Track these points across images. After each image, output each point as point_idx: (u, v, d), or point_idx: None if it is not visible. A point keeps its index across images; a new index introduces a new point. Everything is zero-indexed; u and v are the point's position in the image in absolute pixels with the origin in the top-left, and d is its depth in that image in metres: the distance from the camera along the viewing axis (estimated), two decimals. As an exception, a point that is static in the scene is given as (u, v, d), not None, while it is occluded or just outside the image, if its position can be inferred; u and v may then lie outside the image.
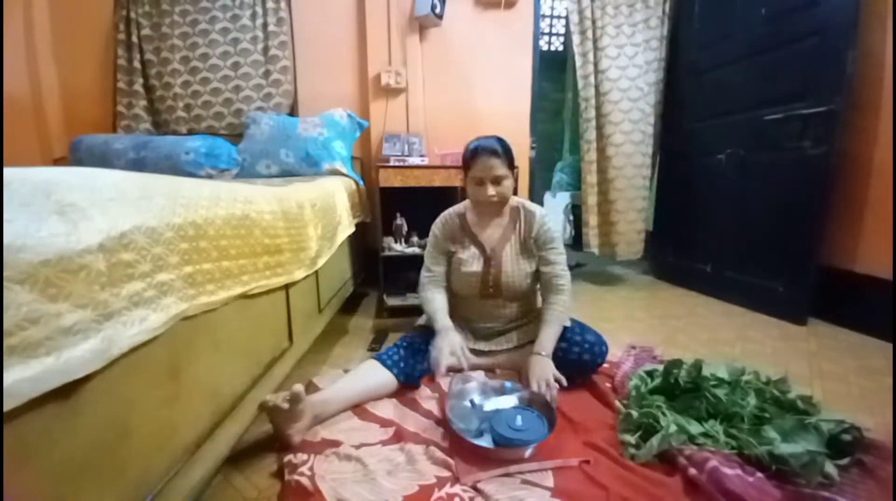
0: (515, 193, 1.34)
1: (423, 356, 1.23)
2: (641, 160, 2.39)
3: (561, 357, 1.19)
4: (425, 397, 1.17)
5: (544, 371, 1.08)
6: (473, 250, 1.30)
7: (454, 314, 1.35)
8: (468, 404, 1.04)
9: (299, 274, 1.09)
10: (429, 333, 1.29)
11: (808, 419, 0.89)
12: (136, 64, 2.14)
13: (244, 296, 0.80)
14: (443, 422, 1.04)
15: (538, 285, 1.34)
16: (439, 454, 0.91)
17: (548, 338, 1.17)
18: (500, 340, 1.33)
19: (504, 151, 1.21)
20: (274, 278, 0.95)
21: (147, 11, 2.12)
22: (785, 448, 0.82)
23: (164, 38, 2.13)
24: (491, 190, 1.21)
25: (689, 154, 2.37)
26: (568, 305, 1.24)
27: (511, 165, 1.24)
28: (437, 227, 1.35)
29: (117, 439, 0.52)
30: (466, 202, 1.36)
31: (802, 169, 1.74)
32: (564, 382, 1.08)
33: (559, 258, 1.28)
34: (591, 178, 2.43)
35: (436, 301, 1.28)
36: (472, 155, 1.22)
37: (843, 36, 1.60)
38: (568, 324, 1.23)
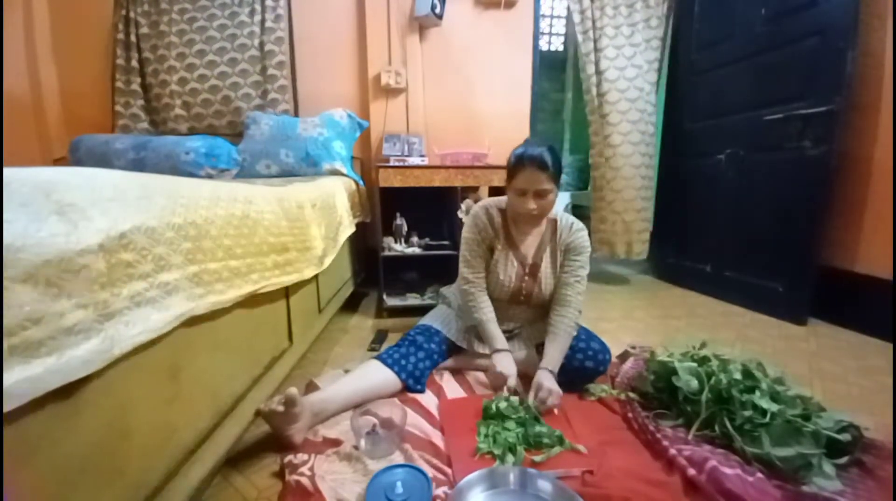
0: None
1: (424, 352, 1.23)
2: (640, 160, 2.39)
3: (564, 363, 1.18)
4: (426, 397, 1.16)
5: (549, 389, 1.07)
6: (511, 256, 1.26)
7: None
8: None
9: (309, 272, 1.09)
10: (430, 332, 1.30)
11: (802, 423, 0.88)
12: (135, 63, 2.14)
13: (253, 295, 0.81)
14: (442, 425, 1.04)
15: None
16: (437, 457, 0.91)
17: (556, 352, 1.16)
18: (512, 344, 1.32)
19: (552, 164, 1.12)
20: (284, 276, 0.95)
21: (146, 10, 2.12)
22: (776, 452, 0.82)
23: (162, 35, 2.13)
24: (532, 204, 1.14)
25: (689, 154, 2.37)
26: (577, 318, 1.23)
27: (558, 178, 1.15)
28: (478, 219, 1.26)
29: (117, 439, 0.52)
30: (506, 200, 1.27)
31: (802, 169, 1.74)
32: (558, 401, 1.07)
33: (581, 271, 1.25)
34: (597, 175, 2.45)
35: (487, 313, 1.24)
36: (518, 163, 1.14)
37: (843, 36, 1.60)
38: (574, 333, 1.22)
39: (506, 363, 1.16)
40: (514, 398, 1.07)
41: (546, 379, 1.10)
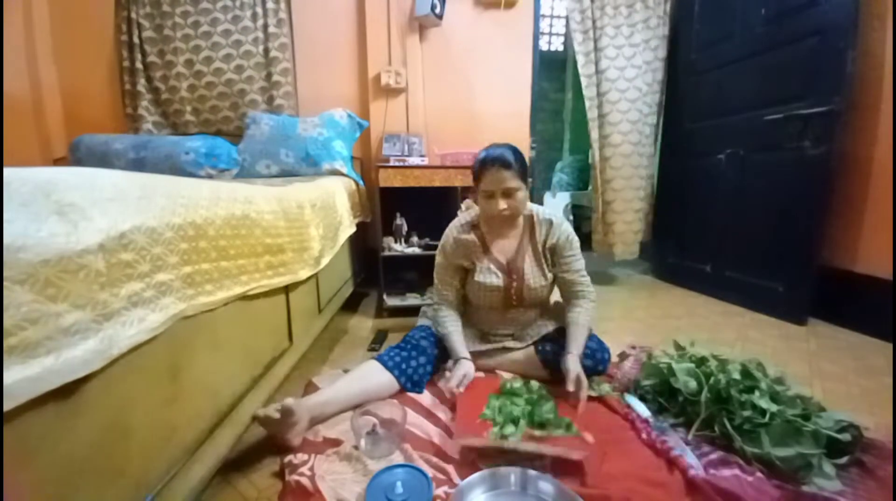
0: None
1: (425, 357, 1.22)
2: (639, 161, 2.39)
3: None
4: (426, 397, 1.16)
5: (579, 370, 1.09)
6: (490, 264, 1.26)
7: (470, 323, 1.35)
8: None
9: (304, 274, 1.09)
10: (430, 333, 1.30)
11: (802, 423, 0.88)
12: (139, 65, 2.15)
13: (244, 296, 0.80)
14: (441, 424, 1.04)
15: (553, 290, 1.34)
16: (437, 457, 0.91)
17: (581, 337, 1.17)
18: (510, 340, 1.32)
19: (516, 162, 1.14)
20: (277, 277, 0.95)
21: (149, 13, 2.12)
22: (777, 452, 0.82)
23: (168, 40, 2.14)
24: (502, 204, 1.15)
25: (689, 154, 2.37)
26: (593, 309, 1.24)
27: (524, 176, 1.18)
28: (448, 245, 1.29)
29: (117, 439, 0.52)
30: (478, 211, 1.30)
31: (802, 169, 1.74)
32: (587, 384, 1.09)
33: (580, 265, 1.27)
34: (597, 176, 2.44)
35: (450, 326, 1.26)
36: (482, 166, 1.16)
37: (843, 36, 1.60)
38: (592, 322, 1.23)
39: (465, 370, 1.16)
40: (534, 383, 1.11)
41: (573, 364, 1.10)
